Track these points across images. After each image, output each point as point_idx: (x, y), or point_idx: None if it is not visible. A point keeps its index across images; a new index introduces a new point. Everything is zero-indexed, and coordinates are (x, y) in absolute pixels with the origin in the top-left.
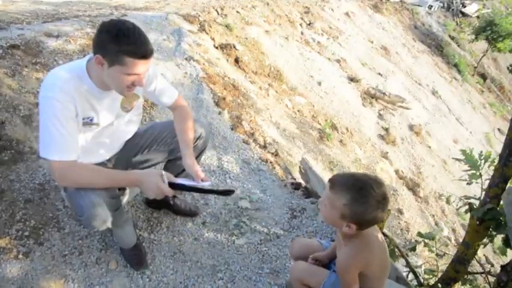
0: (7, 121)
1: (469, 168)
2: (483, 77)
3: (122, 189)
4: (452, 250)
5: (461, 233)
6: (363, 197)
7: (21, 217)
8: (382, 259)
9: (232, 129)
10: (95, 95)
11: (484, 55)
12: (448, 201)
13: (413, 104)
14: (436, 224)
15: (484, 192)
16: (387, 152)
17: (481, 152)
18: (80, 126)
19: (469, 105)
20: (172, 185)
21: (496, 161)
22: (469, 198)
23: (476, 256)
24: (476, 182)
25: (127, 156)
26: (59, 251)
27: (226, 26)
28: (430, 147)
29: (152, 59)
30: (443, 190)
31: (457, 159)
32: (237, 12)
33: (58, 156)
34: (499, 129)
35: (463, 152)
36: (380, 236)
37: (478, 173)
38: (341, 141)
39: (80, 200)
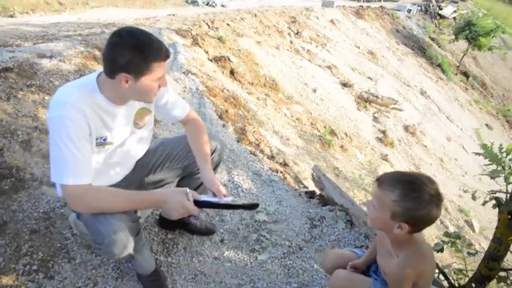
0: (5, 148)
1: (490, 162)
2: (466, 75)
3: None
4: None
5: (466, 230)
6: (414, 191)
7: (27, 250)
8: (433, 267)
9: (238, 141)
10: (108, 111)
11: (465, 54)
12: (474, 197)
13: (405, 105)
14: (442, 222)
15: (511, 185)
16: (387, 154)
17: (501, 145)
18: (93, 147)
19: (456, 103)
20: (197, 203)
21: None
22: (495, 192)
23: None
24: (499, 176)
25: (139, 176)
26: (71, 283)
27: (218, 39)
28: (426, 146)
29: None
30: (443, 188)
31: (477, 154)
32: (228, 24)
33: (73, 180)
34: (486, 125)
35: (484, 146)
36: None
37: (500, 167)
38: (342, 146)
39: (99, 226)
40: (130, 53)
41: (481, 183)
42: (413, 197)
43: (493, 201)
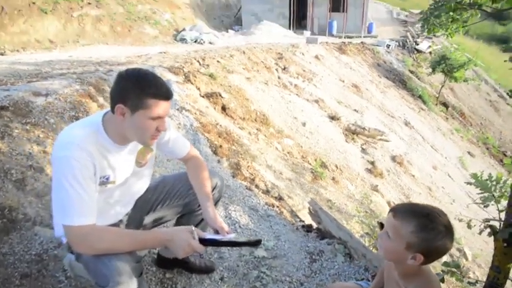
0: None
1: (481, 192)
2: (445, 105)
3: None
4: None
5: (459, 258)
6: (431, 222)
7: None
8: None
9: (233, 176)
10: (112, 151)
11: (443, 86)
12: (469, 226)
13: (391, 135)
14: None
15: (504, 213)
16: (377, 185)
17: (490, 174)
18: (96, 186)
19: (439, 132)
20: (202, 241)
21: (509, 181)
22: (488, 220)
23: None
24: (492, 205)
25: (139, 214)
26: None
27: (209, 76)
28: (413, 175)
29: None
30: None
31: (468, 183)
32: (218, 61)
33: (78, 221)
34: (469, 153)
35: (474, 176)
36: None
37: (491, 195)
38: (333, 178)
39: (102, 268)
40: (130, 84)
41: (469, 211)
42: (431, 228)
43: (488, 229)
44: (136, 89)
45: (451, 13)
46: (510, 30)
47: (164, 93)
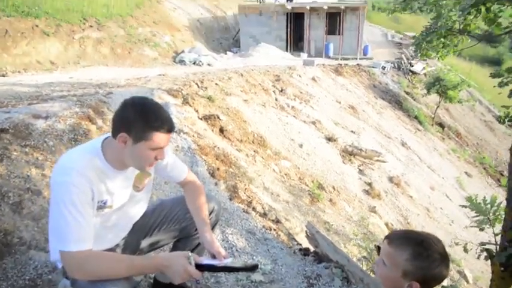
0: None
1: (476, 214)
2: (441, 125)
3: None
4: None
5: (460, 281)
6: (426, 249)
7: None
8: None
9: (230, 199)
10: (110, 176)
11: (438, 106)
12: (465, 250)
13: (388, 156)
14: None
15: (500, 236)
16: (375, 206)
17: (485, 197)
18: (94, 211)
19: (435, 152)
20: (199, 267)
21: (503, 204)
22: (485, 244)
23: None
24: (488, 227)
25: (136, 238)
26: None
27: (208, 98)
28: (411, 196)
29: None
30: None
31: (463, 206)
32: (216, 84)
33: (75, 247)
34: (466, 173)
35: (469, 199)
36: None
37: (487, 218)
38: (330, 200)
39: None
40: (135, 115)
41: (468, 232)
42: (426, 256)
43: (485, 253)
44: (142, 121)
45: (442, 39)
46: (501, 52)
47: (168, 126)
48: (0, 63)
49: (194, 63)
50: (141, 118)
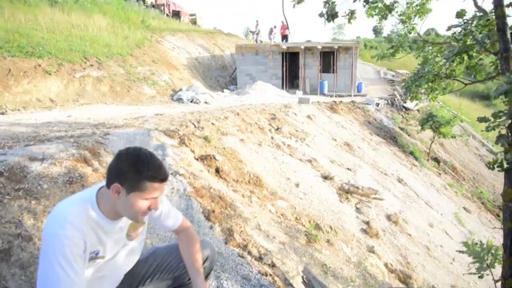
0: None
1: (474, 260)
2: (436, 160)
3: None
4: None
5: None
6: None
7: None
8: None
9: (225, 243)
10: (104, 227)
11: (432, 142)
12: None
13: (385, 193)
14: None
15: (499, 284)
16: (373, 246)
17: (481, 241)
18: (86, 263)
19: (432, 188)
20: None
21: (500, 251)
22: None
23: None
24: (487, 274)
25: None
26: None
27: (204, 138)
28: (410, 235)
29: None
30: (434, 278)
31: (460, 252)
32: (212, 124)
33: None
34: (464, 208)
35: (466, 244)
36: None
37: (486, 265)
38: (328, 241)
39: None
40: (128, 166)
41: (470, 270)
42: None
43: None
44: (135, 172)
45: (430, 83)
46: (490, 87)
47: (161, 176)
48: (1, 102)
49: (192, 101)
50: (133, 168)
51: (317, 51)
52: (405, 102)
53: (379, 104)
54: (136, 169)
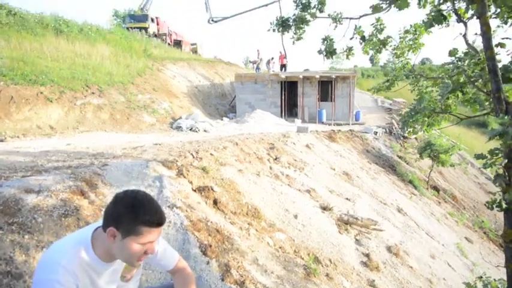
0: None
1: None
2: (436, 189)
3: None
4: None
5: None
6: None
7: None
8: None
9: (222, 279)
10: (97, 269)
11: (431, 170)
12: None
13: (384, 224)
14: None
15: None
16: (374, 280)
17: (484, 281)
18: None
19: (433, 217)
20: None
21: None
22: None
23: None
24: None
25: None
26: None
27: (202, 169)
28: (411, 267)
29: None
30: None
31: None
32: (211, 154)
33: None
34: (466, 238)
35: (468, 286)
36: None
37: None
38: (327, 275)
39: None
40: (124, 210)
41: None
42: None
43: None
44: (131, 216)
45: (426, 118)
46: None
47: (157, 220)
48: (1, 128)
49: (191, 130)
50: (130, 212)
51: (315, 80)
52: (403, 132)
53: (377, 132)
54: (132, 213)
